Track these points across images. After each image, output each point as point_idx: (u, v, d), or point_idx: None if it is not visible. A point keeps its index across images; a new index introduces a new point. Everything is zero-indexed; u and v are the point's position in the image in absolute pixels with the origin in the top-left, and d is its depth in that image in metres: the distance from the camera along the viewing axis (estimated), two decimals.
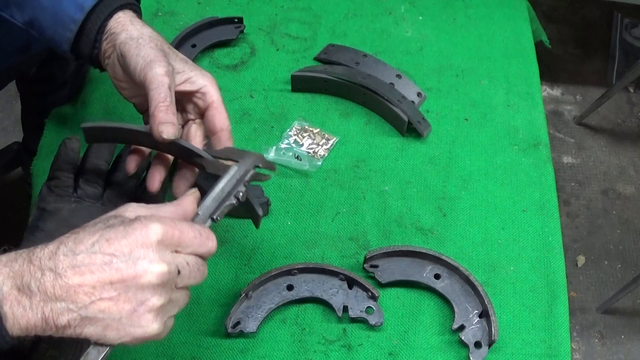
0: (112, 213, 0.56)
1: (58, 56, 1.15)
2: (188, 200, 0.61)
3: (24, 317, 0.49)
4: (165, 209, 0.58)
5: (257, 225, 0.74)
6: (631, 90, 2.34)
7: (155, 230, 0.52)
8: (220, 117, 0.73)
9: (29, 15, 0.72)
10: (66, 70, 1.20)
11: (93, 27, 0.71)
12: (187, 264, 0.55)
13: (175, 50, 0.74)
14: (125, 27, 0.71)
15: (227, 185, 0.64)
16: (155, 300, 0.52)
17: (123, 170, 0.77)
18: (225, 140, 0.74)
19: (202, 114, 0.75)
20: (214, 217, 0.62)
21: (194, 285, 0.57)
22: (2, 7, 0.73)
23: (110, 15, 0.71)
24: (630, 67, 1.99)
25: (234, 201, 0.63)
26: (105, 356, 0.54)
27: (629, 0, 2.15)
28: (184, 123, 0.77)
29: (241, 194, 0.64)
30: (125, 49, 0.70)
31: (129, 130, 0.72)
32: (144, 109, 0.77)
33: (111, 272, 0.50)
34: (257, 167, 0.67)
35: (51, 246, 0.51)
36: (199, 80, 0.73)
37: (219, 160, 0.68)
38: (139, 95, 0.75)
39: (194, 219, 0.60)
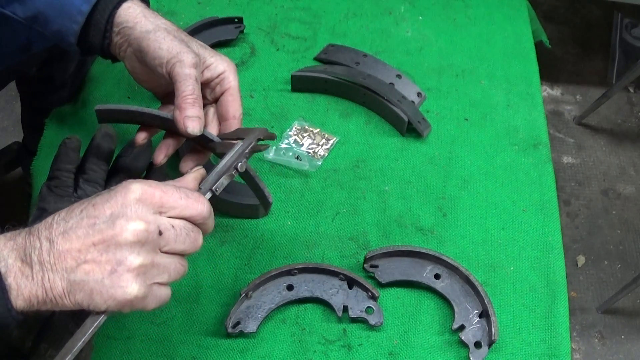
0: (109, 190, 0.56)
1: (59, 56, 1.15)
2: (190, 177, 0.61)
3: (27, 287, 0.51)
4: (166, 184, 0.57)
5: (266, 211, 0.73)
6: (631, 90, 2.34)
7: (134, 190, 0.52)
8: (234, 104, 0.74)
9: (32, 10, 0.72)
10: (66, 70, 1.19)
11: (101, 17, 0.72)
12: (172, 226, 0.54)
13: (191, 37, 0.74)
14: (138, 20, 0.71)
15: (229, 160, 0.64)
16: (133, 259, 0.51)
17: (123, 170, 0.77)
18: (235, 128, 0.74)
19: (217, 98, 0.75)
20: (214, 188, 0.62)
21: (186, 254, 0.56)
22: (4, 3, 0.73)
23: (118, 5, 0.71)
24: (630, 67, 1.99)
25: (233, 172, 0.64)
26: (99, 325, 0.54)
27: (629, 0, 2.14)
28: None
29: (239, 164, 0.64)
30: (144, 44, 0.70)
31: (147, 115, 0.73)
32: (163, 96, 0.79)
33: (94, 234, 0.51)
34: (259, 139, 0.68)
35: (49, 218, 0.53)
36: (219, 66, 0.73)
37: (227, 141, 0.69)
38: (159, 85, 0.77)
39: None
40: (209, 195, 0.62)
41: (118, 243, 0.51)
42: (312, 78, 1.00)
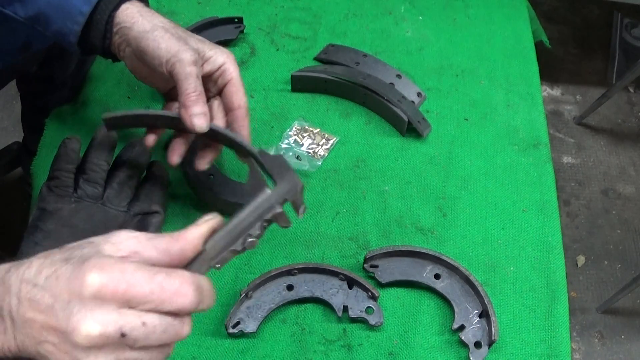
0: (97, 239, 0.48)
1: (58, 54, 1.15)
2: (193, 234, 0.49)
3: (1, 340, 0.47)
4: (159, 242, 0.48)
5: (298, 213, 0.60)
6: (631, 90, 2.34)
7: (91, 282, 0.43)
8: (238, 94, 0.74)
9: (33, 10, 0.72)
10: (66, 70, 1.19)
11: (102, 18, 0.72)
12: (143, 323, 0.45)
13: (189, 32, 0.74)
14: (135, 20, 0.71)
15: (243, 221, 0.52)
16: None
17: (123, 170, 0.77)
18: (241, 118, 0.75)
19: (220, 90, 0.76)
20: (214, 264, 0.51)
21: (168, 342, 0.48)
22: (4, 3, 0.73)
23: (117, 6, 0.72)
24: (630, 67, 1.99)
25: (239, 248, 0.52)
26: None
27: (629, 0, 2.15)
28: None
29: (250, 240, 0.52)
30: (143, 44, 0.70)
31: (154, 116, 0.73)
32: (165, 91, 0.80)
33: (52, 318, 0.44)
34: (287, 200, 0.56)
35: (23, 267, 0.47)
36: (218, 58, 0.74)
37: (258, 176, 0.59)
38: (161, 82, 0.78)
39: (189, 264, 0.49)
40: (206, 269, 0.50)
41: (73, 342, 0.44)
42: (312, 78, 1.00)
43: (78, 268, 0.44)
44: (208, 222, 0.50)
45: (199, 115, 0.69)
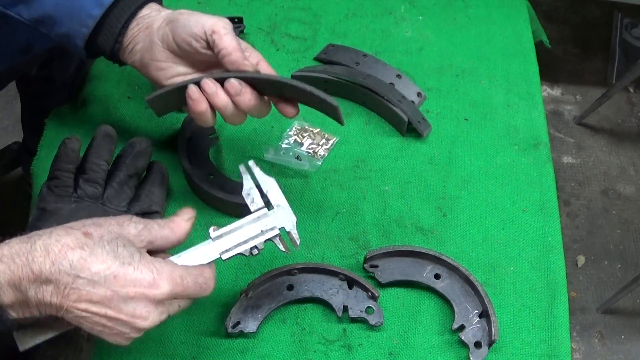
0: (114, 225, 0.57)
1: (59, 56, 1.15)
2: (182, 227, 0.63)
3: (23, 313, 0.53)
4: (158, 232, 0.60)
5: (340, 121, 0.75)
6: (631, 90, 2.34)
7: (163, 290, 0.55)
8: (225, 40, 0.71)
9: (38, 12, 0.72)
10: (66, 71, 1.20)
11: (117, 22, 0.72)
12: (179, 306, 0.60)
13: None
14: (160, 13, 0.73)
15: (249, 230, 0.65)
16: (140, 335, 0.57)
17: (123, 170, 0.77)
18: (240, 60, 0.71)
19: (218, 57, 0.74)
20: (223, 257, 0.64)
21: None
22: (8, 5, 0.73)
23: (135, 12, 0.72)
24: (630, 67, 1.99)
25: (246, 254, 0.65)
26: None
27: (629, 0, 2.15)
28: None
29: (256, 251, 0.66)
30: (174, 25, 0.71)
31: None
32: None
33: (109, 309, 0.53)
34: (283, 229, 0.67)
35: (52, 256, 0.52)
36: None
37: (256, 190, 0.68)
38: (176, 75, 0.76)
39: (204, 264, 0.62)
40: (215, 258, 0.64)
41: (132, 326, 0.55)
42: (312, 78, 1.00)
43: (144, 273, 0.55)
44: (189, 219, 0.64)
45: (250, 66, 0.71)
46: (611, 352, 1.76)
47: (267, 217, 0.66)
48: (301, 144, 0.95)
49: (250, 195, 0.67)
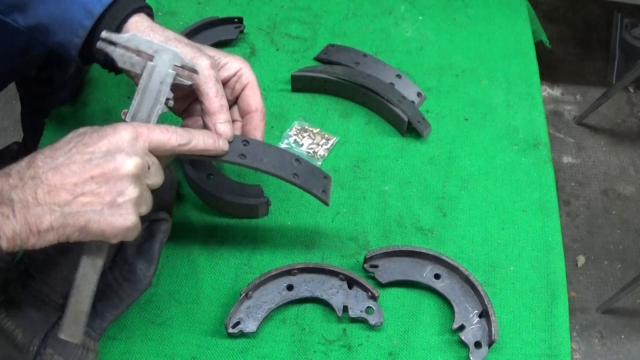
0: (86, 129, 0.59)
1: (58, 58, 1.15)
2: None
3: (9, 226, 0.52)
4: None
5: (326, 202, 0.76)
6: (631, 90, 2.34)
7: (126, 129, 0.57)
8: (255, 97, 0.75)
9: (33, 20, 0.72)
10: (66, 72, 1.19)
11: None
12: (153, 162, 0.60)
13: (201, 44, 0.74)
14: (147, 33, 0.71)
15: (149, 88, 0.65)
16: (132, 190, 0.56)
17: None
18: (258, 121, 0.75)
19: (237, 96, 0.76)
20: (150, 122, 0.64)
21: (153, 188, 0.61)
22: (4, 11, 0.73)
23: (124, 20, 0.71)
24: (630, 67, 1.99)
25: (165, 110, 0.66)
26: (99, 268, 0.60)
27: (629, 0, 2.15)
28: None
29: (170, 101, 0.66)
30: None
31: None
32: (180, 112, 0.79)
33: (91, 168, 0.54)
34: (176, 65, 0.66)
35: (27, 158, 0.55)
36: (234, 64, 0.74)
37: (130, 54, 0.67)
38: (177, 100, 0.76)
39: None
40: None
41: (119, 175, 0.55)
42: (312, 78, 1.00)
43: (104, 129, 0.56)
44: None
45: (224, 123, 0.70)
46: (611, 352, 1.76)
47: (156, 68, 0.65)
48: (301, 144, 0.95)
49: (126, 62, 0.66)
